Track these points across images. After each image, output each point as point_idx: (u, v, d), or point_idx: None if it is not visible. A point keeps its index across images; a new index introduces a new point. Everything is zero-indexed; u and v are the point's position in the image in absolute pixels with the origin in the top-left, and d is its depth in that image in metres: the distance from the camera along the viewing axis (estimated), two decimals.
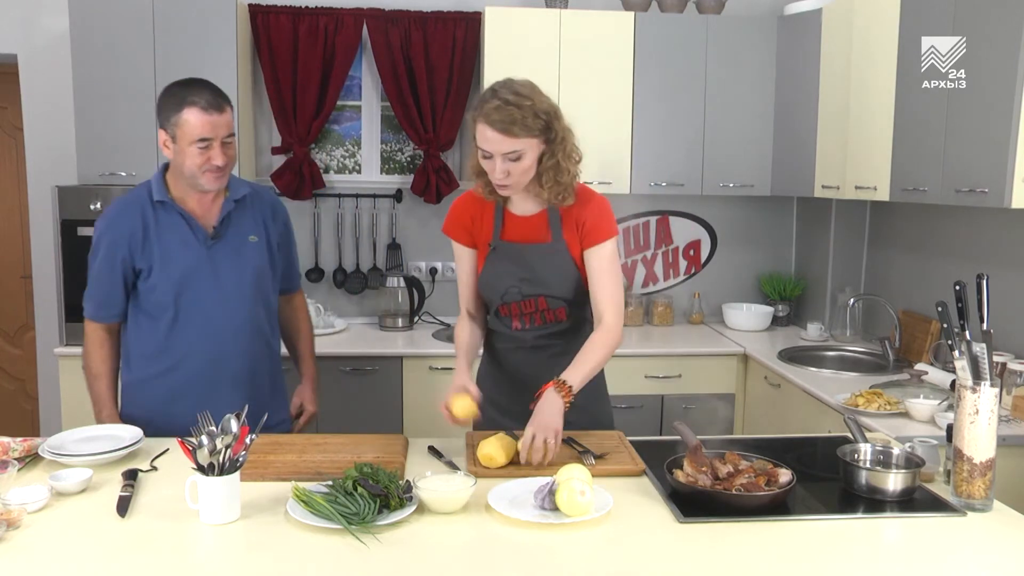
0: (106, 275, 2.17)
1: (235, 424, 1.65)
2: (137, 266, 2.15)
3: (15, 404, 4.35)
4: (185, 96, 2.06)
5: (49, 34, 3.79)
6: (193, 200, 2.18)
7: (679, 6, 3.80)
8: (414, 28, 3.77)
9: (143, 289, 2.17)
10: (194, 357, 2.19)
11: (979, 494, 1.69)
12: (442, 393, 2.04)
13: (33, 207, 3.88)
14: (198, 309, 2.17)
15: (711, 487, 1.70)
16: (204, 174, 2.10)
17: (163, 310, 2.17)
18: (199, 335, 2.18)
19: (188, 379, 2.19)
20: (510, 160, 1.96)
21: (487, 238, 2.16)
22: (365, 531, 1.54)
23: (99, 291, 2.19)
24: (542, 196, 2.07)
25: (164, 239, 2.15)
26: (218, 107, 2.08)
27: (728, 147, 3.78)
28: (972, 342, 1.70)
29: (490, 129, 1.95)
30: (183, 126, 2.06)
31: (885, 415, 2.53)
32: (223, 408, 1.77)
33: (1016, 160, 2.40)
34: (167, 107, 2.09)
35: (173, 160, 2.14)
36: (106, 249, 2.15)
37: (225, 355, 2.21)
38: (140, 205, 2.16)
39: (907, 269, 3.54)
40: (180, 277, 2.15)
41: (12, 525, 1.54)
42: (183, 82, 2.12)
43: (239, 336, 2.22)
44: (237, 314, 2.21)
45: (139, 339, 2.22)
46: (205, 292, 2.17)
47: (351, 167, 4.07)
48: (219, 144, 2.08)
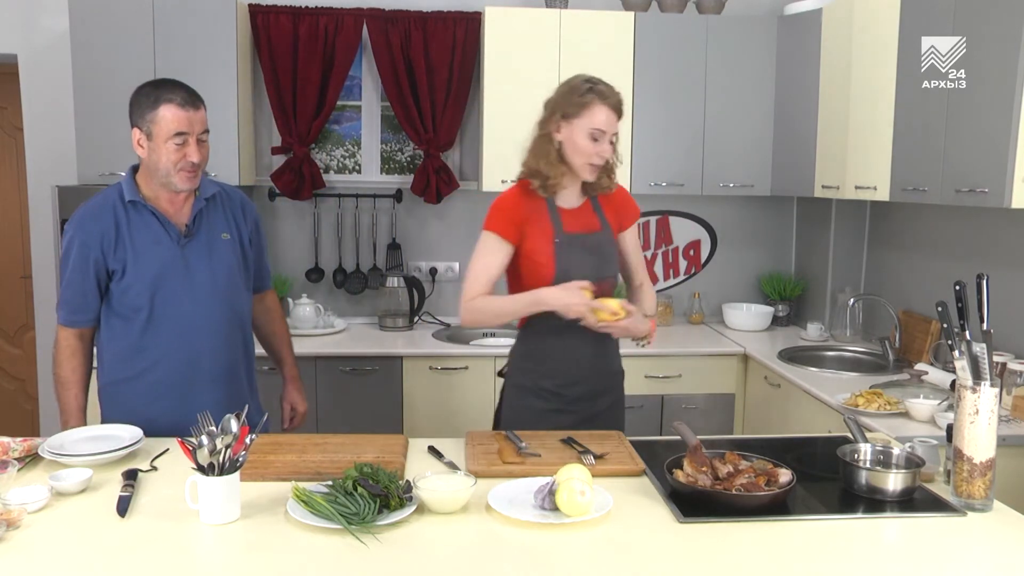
0: (79, 279, 2.14)
1: (235, 424, 1.65)
2: (110, 267, 2.13)
3: (15, 404, 4.35)
4: (161, 94, 2.08)
5: (49, 34, 3.79)
6: (164, 199, 2.17)
7: (679, 6, 3.80)
8: (414, 28, 3.77)
9: (116, 291, 2.15)
10: (171, 357, 2.17)
11: (979, 494, 1.69)
12: (442, 393, 2.04)
13: (33, 207, 3.88)
14: (173, 308, 2.16)
15: (711, 487, 1.70)
16: (178, 172, 2.10)
17: (137, 311, 2.15)
18: (175, 334, 2.17)
19: (166, 379, 2.17)
20: (613, 141, 2.22)
21: (546, 234, 2.24)
22: (365, 531, 1.54)
23: (73, 295, 2.15)
24: (591, 185, 2.30)
25: (137, 239, 2.14)
26: (194, 104, 2.10)
27: (728, 147, 3.78)
28: (972, 342, 1.70)
29: (608, 110, 2.20)
30: (159, 122, 2.07)
31: (885, 415, 2.53)
32: (203, 407, 1.77)
33: (1016, 160, 2.40)
34: (142, 105, 2.10)
35: (147, 159, 2.13)
36: (78, 252, 2.13)
37: (202, 353, 2.19)
38: (111, 206, 2.15)
39: (907, 269, 3.54)
40: (154, 277, 2.14)
41: (12, 525, 1.54)
42: (156, 82, 2.14)
43: (215, 334, 2.21)
44: (212, 312, 2.20)
45: (112, 341, 2.19)
46: (180, 291, 2.16)
47: (351, 167, 4.07)
48: (195, 140, 2.10)
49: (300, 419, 2.52)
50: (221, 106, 3.49)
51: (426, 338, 3.71)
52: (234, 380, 2.27)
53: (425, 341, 3.65)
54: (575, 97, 2.21)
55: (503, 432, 2.11)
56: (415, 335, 3.77)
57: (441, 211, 4.04)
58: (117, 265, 2.13)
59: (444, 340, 3.67)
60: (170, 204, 2.18)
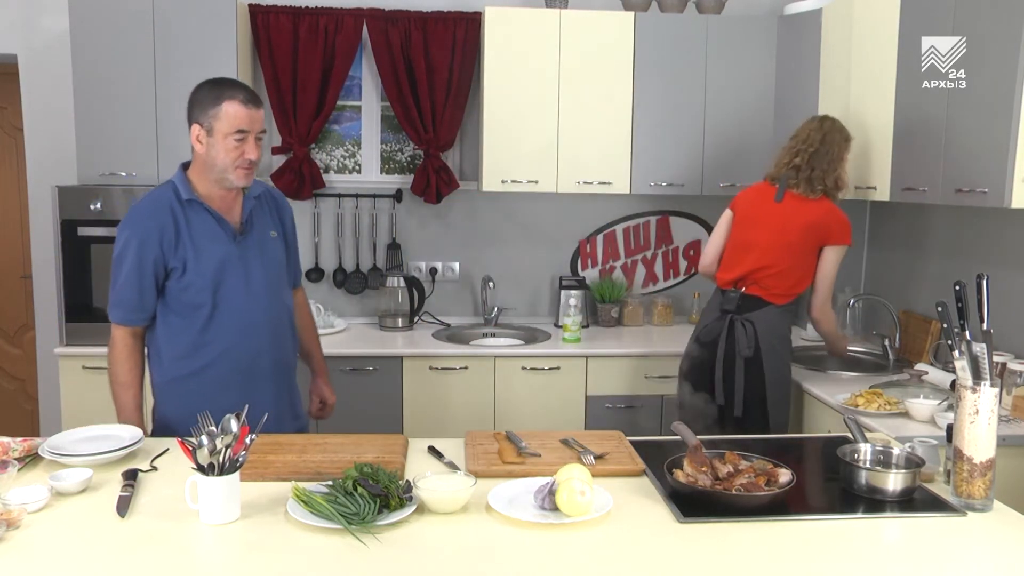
0: (136, 277, 2.15)
1: (235, 424, 1.65)
2: (170, 265, 2.16)
3: (15, 404, 4.35)
4: (224, 91, 2.12)
5: (49, 34, 3.79)
6: (218, 198, 2.21)
7: (679, 6, 3.80)
8: (414, 28, 3.77)
9: (176, 288, 2.18)
10: (233, 352, 2.21)
11: (979, 494, 1.69)
12: (442, 393, 2.05)
13: (33, 207, 3.87)
14: (232, 305, 2.20)
15: (711, 487, 1.70)
16: (236, 169, 2.14)
17: (197, 308, 2.18)
18: (236, 330, 2.21)
19: (228, 374, 2.21)
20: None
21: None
22: (365, 531, 1.54)
23: (130, 294, 2.17)
24: None
25: (196, 236, 2.17)
26: (255, 103, 2.15)
27: (728, 147, 3.78)
28: (972, 342, 1.70)
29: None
30: (222, 118, 2.10)
31: (885, 415, 2.53)
32: (262, 400, 1.89)
33: (1016, 160, 2.40)
34: (204, 101, 2.13)
35: (205, 155, 2.15)
36: (136, 250, 2.15)
37: (261, 348, 2.25)
38: (167, 204, 2.17)
39: (907, 269, 3.54)
40: (214, 274, 2.18)
41: (12, 525, 1.54)
42: (218, 79, 2.18)
43: (271, 329, 2.27)
44: (267, 308, 2.26)
45: (170, 340, 2.22)
46: (238, 287, 2.21)
47: (351, 167, 4.07)
48: (253, 138, 2.14)
49: (329, 410, 2.58)
50: None
51: (426, 338, 3.71)
52: (287, 373, 2.34)
53: (425, 341, 3.65)
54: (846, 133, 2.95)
55: (503, 432, 2.11)
56: (415, 335, 3.77)
57: (441, 211, 4.04)
58: (177, 263, 2.16)
59: (444, 340, 3.67)
60: (222, 202, 2.22)
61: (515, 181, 3.68)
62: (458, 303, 4.11)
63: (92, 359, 3.34)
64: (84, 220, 3.36)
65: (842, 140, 2.91)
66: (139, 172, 3.49)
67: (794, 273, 2.87)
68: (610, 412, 3.52)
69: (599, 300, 4.02)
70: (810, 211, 2.86)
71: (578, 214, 4.12)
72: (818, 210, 2.85)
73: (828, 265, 2.85)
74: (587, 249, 4.15)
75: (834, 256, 2.85)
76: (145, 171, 3.49)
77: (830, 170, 2.87)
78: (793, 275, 2.87)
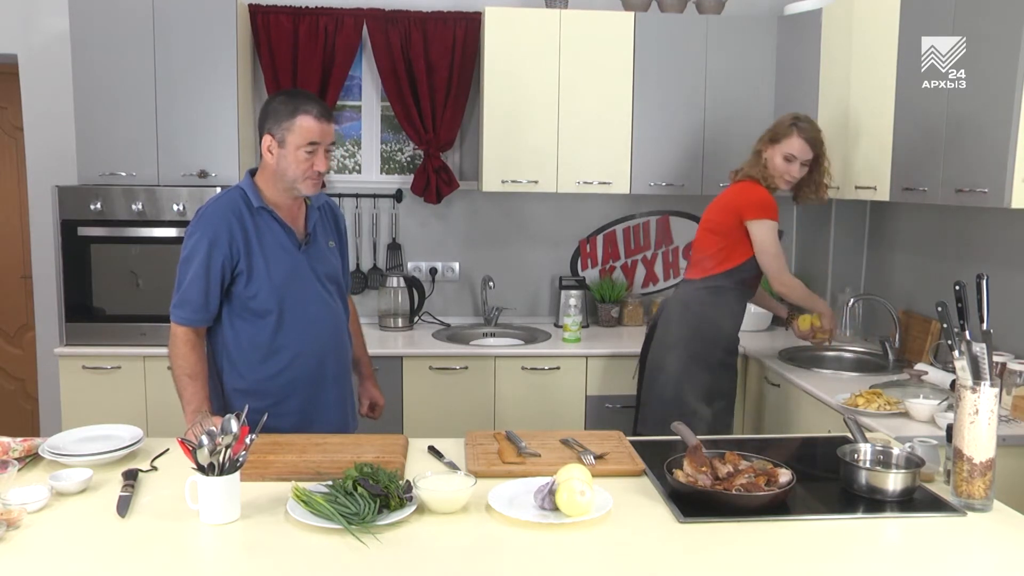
0: (203, 278, 2.17)
1: (235, 424, 1.65)
2: (238, 269, 2.19)
3: (15, 404, 4.35)
4: (299, 104, 2.16)
5: (49, 34, 3.79)
6: (285, 207, 2.25)
7: (679, 6, 3.80)
8: (414, 28, 3.77)
9: (243, 293, 2.20)
10: (304, 357, 2.26)
11: (979, 494, 1.69)
12: (442, 393, 2.05)
13: (33, 207, 3.88)
14: (301, 310, 2.25)
15: (711, 487, 1.70)
16: (305, 180, 2.18)
17: (265, 314, 2.22)
18: (304, 336, 2.25)
19: (300, 378, 2.26)
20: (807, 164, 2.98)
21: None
22: (365, 531, 1.54)
23: (197, 295, 2.18)
24: (800, 195, 3.12)
25: (265, 243, 2.21)
26: (328, 117, 2.19)
27: (728, 147, 3.77)
28: (972, 342, 1.70)
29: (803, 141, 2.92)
30: (296, 131, 2.14)
31: (885, 415, 2.53)
32: (326, 404, 2.03)
33: (1016, 160, 2.39)
34: (279, 112, 2.16)
35: (275, 165, 2.19)
36: (207, 252, 2.16)
37: (327, 353, 2.30)
38: (238, 210, 2.20)
39: (907, 269, 3.54)
40: (283, 281, 2.22)
41: (12, 525, 1.54)
42: (292, 92, 2.24)
43: (334, 335, 2.33)
44: (331, 314, 2.32)
45: (242, 343, 2.24)
46: (305, 294, 2.26)
47: (351, 167, 4.07)
48: (323, 151, 2.18)
49: (380, 411, 2.64)
50: (221, 106, 3.49)
51: (426, 338, 3.71)
52: (347, 378, 2.41)
53: (425, 341, 3.66)
54: (781, 128, 2.95)
55: (503, 432, 2.11)
56: (415, 335, 3.77)
57: (441, 211, 4.04)
58: (244, 268, 2.19)
59: (444, 340, 3.67)
60: (289, 212, 2.27)
61: (515, 181, 3.68)
62: (458, 303, 4.11)
63: (92, 359, 3.34)
64: (84, 220, 3.36)
65: (765, 132, 3.05)
66: (139, 172, 3.49)
67: (721, 253, 2.98)
68: (610, 412, 3.52)
69: (599, 300, 4.03)
70: (726, 193, 3.07)
71: (578, 214, 4.12)
72: (732, 190, 3.04)
73: (757, 240, 2.93)
74: (587, 249, 4.15)
75: (758, 230, 2.92)
76: (145, 171, 3.49)
77: (752, 159, 3.03)
78: (720, 254, 2.98)
